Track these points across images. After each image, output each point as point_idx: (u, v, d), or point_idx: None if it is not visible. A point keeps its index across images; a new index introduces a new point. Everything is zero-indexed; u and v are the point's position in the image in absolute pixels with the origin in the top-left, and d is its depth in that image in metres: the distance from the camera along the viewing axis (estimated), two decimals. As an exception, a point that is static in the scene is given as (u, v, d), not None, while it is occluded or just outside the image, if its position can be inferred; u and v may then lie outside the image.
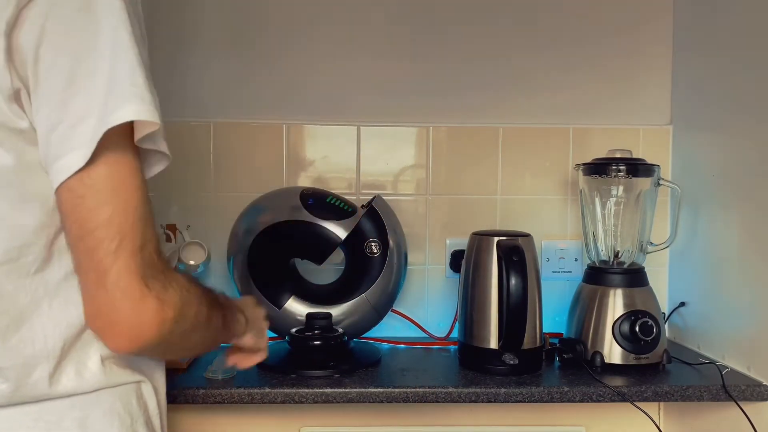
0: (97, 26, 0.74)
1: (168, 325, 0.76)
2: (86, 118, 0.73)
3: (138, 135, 0.78)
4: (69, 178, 0.72)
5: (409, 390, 1.26)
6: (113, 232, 0.73)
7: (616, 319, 1.39)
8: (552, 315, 1.52)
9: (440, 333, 1.60)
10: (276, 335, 1.52)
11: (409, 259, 1.56)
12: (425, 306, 1.66)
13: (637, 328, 1.37)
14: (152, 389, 0.91)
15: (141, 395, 0.89)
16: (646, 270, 1.46)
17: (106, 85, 0.74)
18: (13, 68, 0.73)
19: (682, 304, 1.59)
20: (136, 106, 0.74)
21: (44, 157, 0.75)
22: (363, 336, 1.53)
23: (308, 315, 1.40)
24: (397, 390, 1.26)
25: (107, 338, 0.77)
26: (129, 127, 0.76)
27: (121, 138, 0.76)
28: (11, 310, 0.79)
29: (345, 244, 1.43)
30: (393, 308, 1.56)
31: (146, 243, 0.75)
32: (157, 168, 0.84)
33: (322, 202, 1.44)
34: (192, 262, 1.41)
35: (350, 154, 1.65)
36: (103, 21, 0.74)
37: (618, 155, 1.47)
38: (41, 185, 0.77)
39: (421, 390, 1.26)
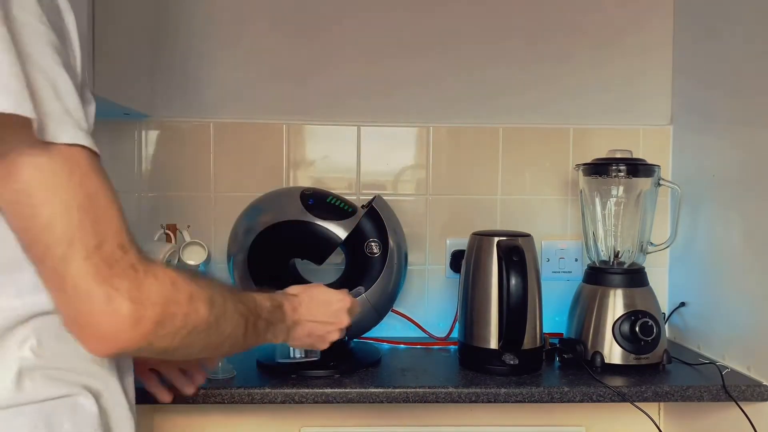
0: None
1: (148, 325, 0.68)
2: None
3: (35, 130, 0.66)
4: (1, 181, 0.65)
5: (409, 390, 1.26)
6: (57, 237, 0.65)
7: (616, 319, 1.39)
8: (552, 315, 1.52)
9: (440, 333, 1.60)
10: (276, 335, 1.52)
11: (409, 259, 1.56)
12: (425, 306, 1.66)
13: (637, 329, 1.37)
14: (94, 401, 0.78)
15: (78, 411, 0.77)
16: (646, 270, 1.46)
17: None
18: None
19: (682, 304, 1.59)
20: None
21: None
22: (363, 336, 1.53)
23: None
24: (397, 390, 1.26)
25: (83, 343, 0.70)
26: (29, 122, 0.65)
27: (27, 135, 0.65)
28: None
29: (345, 244, 1.43)
30: (393, 308, 1.55)
31: (104, 240, 0.67)
32: None
33: (322, 202, 1.44)
34: (192, 262, 1.41)
35: (350, 154, 1.65)
36: None
37: (618, 155, 1.47)
38: None
39: (421, 390, 1.26)
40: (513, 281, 1.29)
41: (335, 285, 1.53)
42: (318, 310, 1.04)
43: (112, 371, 0.83)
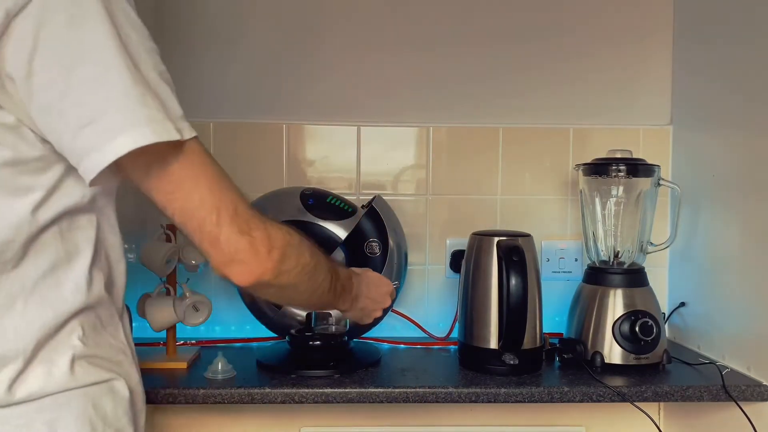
0: (83, 39, 0.76)
1: (276, 261, 0.87)
2: (89, 129, 0.76)
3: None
4: (158, 180, 0.81)
5: (409, 390, 1.26)
6: (209, 210, 0.83)
7: (616, 319, 1.39)
8: (552, 315, 1.52)
9: (440, 333, 1.60)
10: (276, 335, 1.52)
11: (409, 259, 1.56)
12: (425, 306, 1.66)
13: (637, 328, 1.37)
14: (126, 386, 0.91)
15: (115, 395, 0.90)
16: (646, 270, 1.46)
17: (100, 103, 0.76)
18: None
19: (682, 304, 1.59)
20: (132, 134, 0.76)
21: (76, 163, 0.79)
22: (363, 336, 1.53)
23: (308, 315, 1.40)
24: (397, 390, 1.26)
25: (234, 278, 0.86)
26: None
27: (171, 141, 0.80)
28: None
29: (345, 244, 1.43)
30: (393, 308, 1.56)
31: (237, 205, 0.85)
32: None
33: (322, 202, 1.44)
34: (192, 262, 1.41)
35: (350, 154, 1.65)
36: (89, 33, 0.76)
37: (618, 155, 1.47)
38: (31, 181, 0.81)
39: (421, 390, 1.26)
40: (513, 281, 1.29)
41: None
42: (372, 290, 1.19)
43: (133, 361, 0.95)
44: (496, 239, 1.36)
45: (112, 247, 0.94)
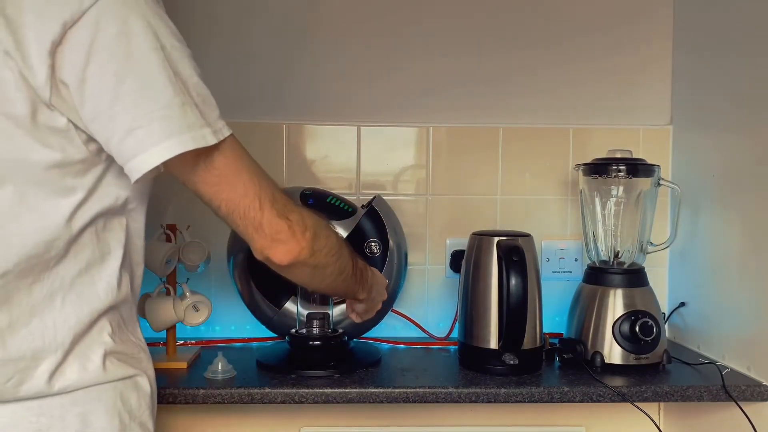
0: (131, 52, 0.82)
1: (310, 240, 0.95)
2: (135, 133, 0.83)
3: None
4: (204, 174, 0.88)
5: (409, 390, 1.26)
6: (251, 198, 0.90)
7: (616, 319, 1.39)
8: (552, 315, 1.52)
9: (440, 333, 1.60)
10: (276, 335, 1.52)
11: (409, 259, 1.56)
12: (425, 306, 1.66)
13: (637, 328, 1.37)
14: (147, 380, 0.97)
15: (139, 390, 0.95)
16: (646, 270, 1.46)
17: (144, 112, 0.83)
18: (54, 83, 0.81)
19: (682, 304, 1.59)
20: (174, 141, 0.83)
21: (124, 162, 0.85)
22: (363, 336, 1.53)
23: (308, 315, 1.40)
24: (397, 390, 1.26)
25: (274, 257, 0.93)
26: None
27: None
28: (24, 302, 0.85)
29: (345, 244, 1.43)
30: (393, 308, 1.56)
31: (274, 192, 0.93)
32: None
33: (323, 202, 1.44)
34: (192, 262, 1.41)
35: (350, 154, 1.65)
36: (136, 45, 0.83)
37: (618, 155, 1.47)
38: (74, 182, 0.86)
39: (421, 390, 1.26)
40: (513, 281, 1.29)
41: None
42: (377, 284, 1.24)
43: (150, 359, 1.01)
44: (496, 239, 1.36)
45: (136, 250, 0.99)
